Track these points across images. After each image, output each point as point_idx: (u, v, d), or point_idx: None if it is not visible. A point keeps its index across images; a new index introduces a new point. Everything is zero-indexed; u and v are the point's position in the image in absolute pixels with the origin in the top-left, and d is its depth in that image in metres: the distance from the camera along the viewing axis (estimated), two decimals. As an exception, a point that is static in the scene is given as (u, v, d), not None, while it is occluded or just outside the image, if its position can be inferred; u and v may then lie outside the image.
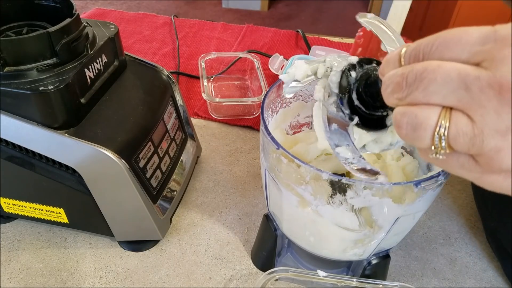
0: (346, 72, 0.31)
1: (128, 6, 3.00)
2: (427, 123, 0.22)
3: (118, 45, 0.50)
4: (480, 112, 0.20)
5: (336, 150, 0.29)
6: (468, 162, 0.22)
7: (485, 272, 0.53)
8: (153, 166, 0.50)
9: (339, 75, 0.31)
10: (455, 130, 0.21)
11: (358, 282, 0.43)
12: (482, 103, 0.20)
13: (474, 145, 0.21)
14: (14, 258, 0.52)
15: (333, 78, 0.31)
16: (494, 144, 0.20)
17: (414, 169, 0.45)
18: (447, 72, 0.21)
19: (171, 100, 0.56)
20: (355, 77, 0.30)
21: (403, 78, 0.23)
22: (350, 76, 0.30)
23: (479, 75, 0.20)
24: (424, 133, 0.22)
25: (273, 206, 0.45)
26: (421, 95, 0.22)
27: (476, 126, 0.21)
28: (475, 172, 0.23)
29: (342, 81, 0.31)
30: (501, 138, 0.20)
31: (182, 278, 0.50)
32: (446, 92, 0.21)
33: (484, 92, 0.20)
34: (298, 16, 3.08)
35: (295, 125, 0.50)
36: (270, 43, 1.00)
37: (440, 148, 0.22)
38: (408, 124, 0.23)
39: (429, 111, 0.22)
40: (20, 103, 0.41)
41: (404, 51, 0.24)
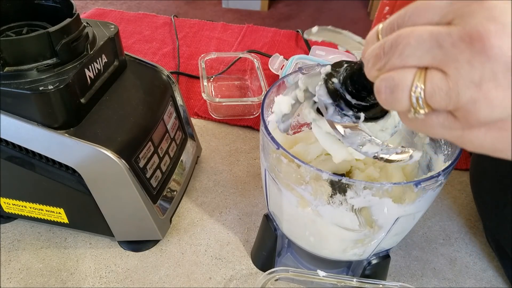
0: (328, 82, 0.32)
1: (128, 6, 3.00)
2: (404, 83, 0.23)
3: (118, 45, 0.50)
4: (454, 66, 0.21)
5: (363, 150, 0.30)
6: (447, 119, 0.23)
7: (485, 272, 0.53)
8: (153, 166, 0.50)
9: (324, 87, 0.32)
10: (430, 87, 0.22)
11: (358, 282, 0.43)
12: (455, 57, 0.21)
13: (451, 99, 0.21)
14: (14, 258, 0.52)
15: (320, 92, 0.32)
16: (469, 95, 0.21)
17: (414, 169, 0.45)
18: (419, 34, 0.22)
19: (171, 100, 0.56)
20: (339, 81, 0.31)
21: (380, 49, 0.24)
22: (334, 83, 0.31)
23: (450, 31, 0.21)
24: (402, 94, 0.23)
25: (273, 206, 0.45)
26: (398, 60, 0.23)
27: (450, 80, 0.21)
28: (455, 129, 0.23)
29: (330, 89, 0.31)
30: (475, 88, 0.21)
31: (182, 278, 0.50)
32: (420, 53, 0.22)
33: (456, 45, 0.21)
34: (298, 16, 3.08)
35: (295, 125, 0.50)
36: (270, 43, 1.00)
37: (418, 107, 0.23)
38: (387, 88, 0.24)
39: (405, 72, 0.23)
40: (20, 103, 0.41)
41: (381, 27, 0.25)
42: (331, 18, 3.08)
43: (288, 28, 1.09)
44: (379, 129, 0.33)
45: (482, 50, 0.20)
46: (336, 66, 0.32)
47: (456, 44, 0.21)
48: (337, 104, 0.31)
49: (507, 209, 0.48)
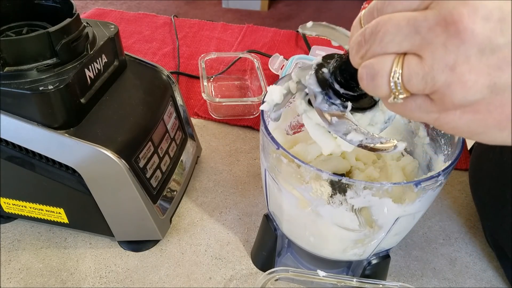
0: (318, 71, 0.32)
1: (128, 6, 3.00)
2: (383, 69, 0.23)
3: (118, 45, 0.50)
4: (429, 50, 0.21)
5: (348, 138, 0.30)
6: (424, 102, 0.24)
7: (485, 272, 0.53)
8: (153, 166, 0.50)
9: (314, 76, 0.32)
10: (407, 72, 0.23)
11: (358, 282, 0.43)
12: (431, 41, 0.21)
13: (427, 83, 0.22)
14: (14, 258, 0.52)
15: (310, 81, 0.32)
16: (444, 79, 0.21)
17: (414, 169, 0.45)
18: (397, 21, 0.22)
19: (171, 100, 0.56)
20: (329, 71, 0.32)
21: (362, 36, 0.24)
22: (323, 73, 0.32)
23: (426, 15, 0.21)
24: (381, 80, 0.24)
25: (273, 206, 0.45)
26: (379, 47, 0.23)
27: (426, 64, 0.22)
28: (432, 112, 0.24)
29: (319, 79, 0.32)
30: (450, 72, 0.21)
31: (182, 278, 0.50)
32: (399, 39, 0.22)
33: (432, 30, 0.21)
34: (298, 16, 3.08)
35: (295, 125, 0.50)
36: (270, 43, 1.00)
37: (397, 92, 0.23)
38: (368, 75, 0.24)
39: (384, 59, 0.23)
40: (20, 103, 0.41)
41: (363, 13, 0.25)
42: (331, 18, 3.08)
43: (288, 28, 1.09)
44: (368, 123, 0.34)
45: (456, 33, 0.20)
46: (327, 57, 0.33)
47: (432, 28, 0.21)
48: (326, 93, 0.32)
49: (505, 209, 0.48)
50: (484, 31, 0.20)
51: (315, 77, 0.32)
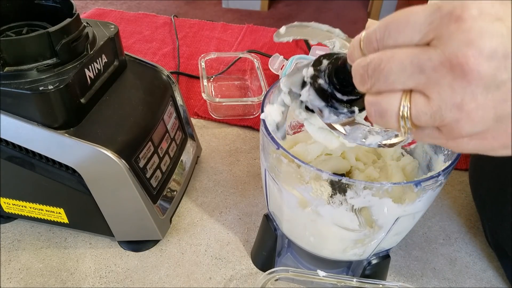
0: (315, 84, 0.32)
1: (128, 6, 3.00)
2: (391, 109, 0.24)
3: (118, 45, 0.50)
4: (436, 90, 0.22)
5: (367, 143, 0.30)
6: (433, 132, 0.24)
7: (485, 272, 0.53)
8: (153, 166, 0.50)
9: (312, 91, 0.32)
10: (415, 111, 0.23)
11: (358, 282, 0.43)
12: (437, 81, 0.22)
13: (435, 120, 0.23)
14: (14, 258, 0.52)
15: (311, 97, 0.32)
16: (452, 116, 0.22)
17: (414, 169, 0.45)
18: (400, 60, 0.23)
19: (171, 100, 0.56)
20: (326, 81, 0.31)
21: (364, 70, 0.25)
22: (321, 84, 0.31)
23: (430, 56, 0.21)
24: (390, 119, 0.24)
25: (273, 206, 0.45)
26: (384, 85, 0.24)
27: (433, 104, 0.22)
28: (441, 139, 0.24)
29: (319, 92, 0.31)
30: (457, 110, 0.22)
31: (182, 278, 0.50)
32: (403, 78, 0.23)
33: (437, 70, 0.21)
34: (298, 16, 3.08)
35: (295, 125, 0.50)
36: (270, 43, 1.00)
37: (406, 128, 0.24)
38: (376, 112, 0.25)
39: (391, 98, 0.24)
40: (20, 103, 0.41)
41: (363, 36, 0.25)
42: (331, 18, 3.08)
43: (288, 28, 1.09)
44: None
45: (462, 75, 0.21)
46: (316, 65, 0.32)
47: (437, 69, 0.21)
48: (331, 105, 0.31)
49: (506, 209, 0.48)
50: (489, 70, 0.20)
51: (314, 91, 0.32)
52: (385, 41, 0.23)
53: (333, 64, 0.31)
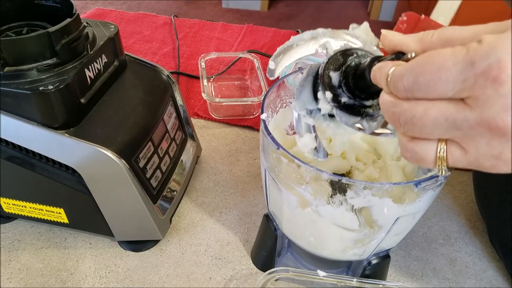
0: (340, 105, 0.31)
1: (128, 6, 3.00)
2: (427, 156, 0.24)
3: (118, 45, 0.50)
4: (473, 145, 0.22)
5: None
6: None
7: (485, 272, 0.53)
8: (153, 166, 0.50)
9: (341, 112, 0.31)
10: (451, 160, 0.24)
11: (358, 282, 0.43)
12: (474, 137, 0.22)
13: (472, 167, 0.23)
14: (14, 258, 0.52)
15: (344, 120, 0.31)
16: (489, 164, 0.23)
17: (414, 169, 0.45)
18: (435, 118, 0.23)
19: (171, 100, 0.56)
20: (349, 97, 0.30)
21: (395, 117, 0.25)
22: (346, 102, 0.30)
23: (466, 117, 0.21)
24: (427, 163, 0.25)
25: (273, 206, 0.45)
26: (418, 134, 0.24)
27: (470, 156, 0.23)
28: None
29: (348, 111, 0.31)
30: (495, 160, 0.22)
31: (182, 278, 0.50)
32: (438, 132, 0.23)
33: (474, 129, 0.22)
34: (298, 16, 3.08)
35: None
36: (270, 43, 1.00)
37: (441, 169, 0.25)
38: (412, 158, 0.25)
39: (427, 147, 0.24)
40: (20, 103, 0.41)
41: (390, 76, 0.24)
42: (331, 18, 3.08)
43: (288, 28, 1.09)
44: None
45: (501, 135, 0.21)
46: (328, 82, 0.31)
47: (473, 128, 0.21)
48: (365, 115, 0.30)
49: (510, 206, 0.48)
50: None
51: (343, 112, 0.31)
52: (414, 93, 0.23)
53: (346, 76, 0.30)
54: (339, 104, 0.31)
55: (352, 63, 0.30)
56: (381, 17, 3.02)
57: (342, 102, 0.30)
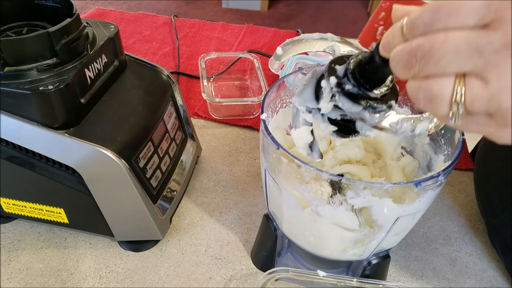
0: (343, 92, 0.30)
1: (128, 6, 3.00)
2: (443, 94, 0.22)
3: (118, 45, 0.50)
4: (496, 73, 0.21)
5: (417, 132, 0.29)
6: (483, 119, 0.23)
7: (485, 272, 0.53)
8: (153, 166, 0.50)
9: (344, 98, 0.30)
10: (470, 96, 0.22)
11: (358, 282, 0.43)
12: (497, 64, 0.20)
13: (491, 105, 0.21)
14: (14, 258, 0.52)
15: (346, 106, 0.31)
16: (510, 102, 0.21)
17: (414, 169, 0.45)
18: (456, 43, 0.21)
19: (171, 100, 0.56)
20: (353, 85, 0.30)
21: (411, 56, 0.23)
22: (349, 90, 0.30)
23: (491, 39, 0.20)
24: (442, 103, 0.23)
25: (273, 206, 0.45)
26: (434, 69, 0.22)
27: (491, 87, 0.21)
28: (490, 127, 0.23)
29: (351, 99, 0.30)
30: None
31: (182, 278, 0.50)
32: (459, 62, 0.21)
33: (498, 53, 0.20)
34: (298, 16, 3.08)
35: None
36: (270, 43, 1.00)
37: (457, 114, 0.23)
38: (425, 98, 0.23)
39: (443, 82, 0.22)
40: (20, 103, 0.41)
41: (405, 22, 0.24)
42: (331, 18, 3.08)
43: (288, 28, 1.09)
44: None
45: None
46: (332, 72, 0.31)
47: (498, 52, 0.20)
48: (368, 106, 0.30)
49: (511, 205, 0.48)
50: None
51: (346, 98, 0.30)
52: (434, 25, 0.22)
53: (353, 65, 0.30)
54: (343, 91, 0.30)
55: (359, 56, 0.30)
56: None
57: (346, 89, 0.30)
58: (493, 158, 0.53)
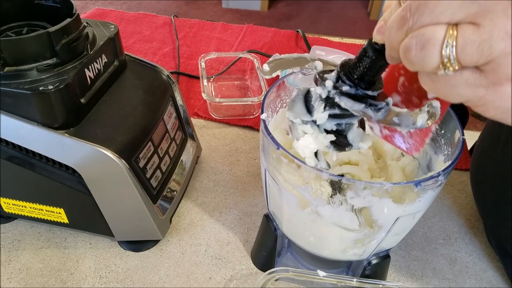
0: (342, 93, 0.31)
1: (128, 6, 3.00)
2: (435, 38, 0.22)
3: (118, 45, 0.50)
4: (489, 17, 0.20)
5: (419, 125, 0.30)
6: (473, 75, 0.22)
7: (485, 272, 0.53)
8: (153, 166, 0.50)
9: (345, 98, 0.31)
10: (462, 40, 0.21)
11: (358, 282, 0.43)
12: (490, 8, 0.20)
13: (483, 52, 0.21)
14: (14, 258, 0.52)
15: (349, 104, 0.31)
16: (502, 47, 0.20)
17: (414, 169, 0.45)
18: None
19: (171, 100, 0.56)
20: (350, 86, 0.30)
21: (406, 10, 0.23)
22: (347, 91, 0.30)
23: None
24: (433, 49, 0.22)
25: (273, 206, 0.45)
26: (428, 18, 0.22)
27: (484, 31, 0.21)
28: (480, 86, 0.23)
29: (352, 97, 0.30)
30: (509, 40, 0.20)
31: (182, 278, 0.50)
32: (452, 9, 0.21)
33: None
34: (298, 16, 3.08)
35: (295, 125, 0.50)
36: (270, 43, 1.00)
37: (449, 63, 0.22)
38: (417, 44, 0.23)
39: (436, 27, 0.22)
40: (20, 103, 0.41)
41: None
42: (331, 18, 3.08)
43: (288, 28, 1.09)
44: None
45: None
46: (324, 79, 0.31)
47: None
48: (369, 104, 0.30)
49: (508, 206, 0.48)
50: None
51: (347, 97, 0.30)
52: None
53: (346, 68, 0.30)
54: (341, 92, 0.31)
55: (348, 61, 0.31)
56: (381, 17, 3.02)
57: (344, 91, 0.30)
58: (488, 158, 0.53)
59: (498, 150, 0.51)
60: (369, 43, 0.28)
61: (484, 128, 0.59)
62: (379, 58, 0.28)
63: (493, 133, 0.53)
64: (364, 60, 0.29)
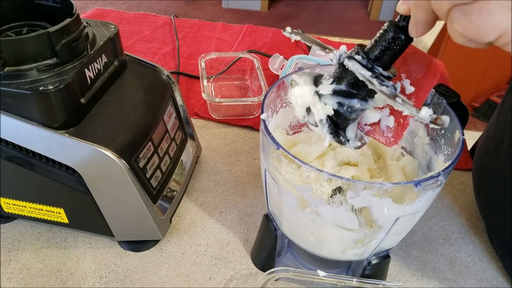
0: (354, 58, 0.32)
1: (128, 6, 3.00)
2: None
3: (118, 45, 0.50)
4: None
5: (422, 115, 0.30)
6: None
7: (485, 272, 0.53)
8: (153, 166, 0.50)
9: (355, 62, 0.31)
10: None
11: (358, 282, 0.43)
12: None
13: None
14: (14, 258, 0.52)
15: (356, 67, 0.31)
16: None
17: (414, 169, 0.45)
18: None
19: (171, 100, 0.56)
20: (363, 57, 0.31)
21: None
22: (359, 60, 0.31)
23: None
24: None
25: (273, 206, 0.45)
26: None
27: None
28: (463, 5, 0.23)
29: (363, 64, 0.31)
30: None
31: (182, 278, 0.50)
32: None
33: None
34: (298, 16, 3.08)
35: (295, 125, 0.50)
36: (270, 43, 1.00)
37: None
38: None
39: None
40: (20, 103, 0.41)
41: None
42: (331, 18, 3.08)
43: (288, 28, 1.09)
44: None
45: None
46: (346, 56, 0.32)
47: None
48: (376, 76, 0.31)
49: (510, 206, 0.48)
50: None
51: (357, 62, 0.31)
52: None
53: (362, 47, 0.31)
54: (353, 58, 0.32)
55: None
56: (381, 17, 3.02)
57: (355, 59, 0.31)
58: (493, 158, 0.53)
59: (502, 150, 0.51)
60: (390, 22, 0.29)
61: (486, 128, 0.60)
62: (399, 37, 0.28)
63: (497, 133, 0.53)
64: (384, 39, 0.30)
